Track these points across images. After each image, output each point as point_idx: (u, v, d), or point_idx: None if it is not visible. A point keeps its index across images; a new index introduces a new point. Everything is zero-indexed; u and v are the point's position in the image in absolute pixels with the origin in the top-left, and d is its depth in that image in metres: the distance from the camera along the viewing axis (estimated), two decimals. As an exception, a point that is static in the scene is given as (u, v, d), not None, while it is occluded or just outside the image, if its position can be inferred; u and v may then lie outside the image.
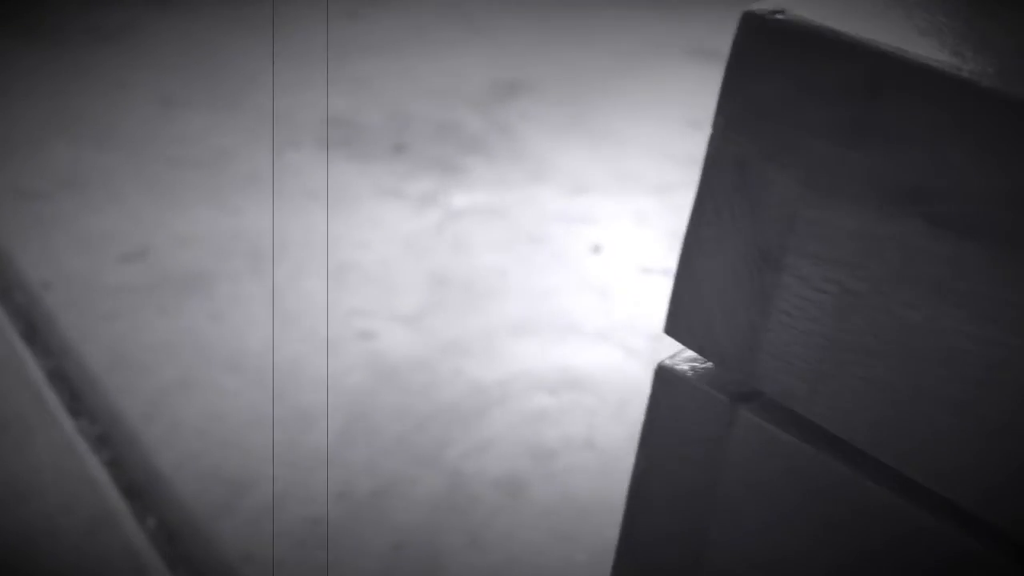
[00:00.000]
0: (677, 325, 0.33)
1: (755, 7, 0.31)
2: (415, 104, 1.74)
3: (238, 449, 1.01)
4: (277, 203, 1.42)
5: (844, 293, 0.29)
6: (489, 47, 2.03)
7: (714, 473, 0.33)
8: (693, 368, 0.34)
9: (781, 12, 0.30)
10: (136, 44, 1.83)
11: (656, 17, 2.32)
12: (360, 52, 1.92)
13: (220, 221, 1.37)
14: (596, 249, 1.39)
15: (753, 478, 0.32)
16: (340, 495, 0.97)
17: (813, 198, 0.29)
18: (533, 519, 0.98)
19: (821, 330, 0.30)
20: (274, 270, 1.27)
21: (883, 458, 0.29)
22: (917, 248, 0.27)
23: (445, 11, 2.21)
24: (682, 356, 0.35)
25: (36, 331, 1.14)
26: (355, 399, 1.10)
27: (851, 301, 0.29)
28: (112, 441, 1.00)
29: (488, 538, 0.95)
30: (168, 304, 1.20)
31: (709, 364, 0.34)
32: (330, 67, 1.84)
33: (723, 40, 1.37)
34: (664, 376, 0.34)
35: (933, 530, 0.29)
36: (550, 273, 1.34)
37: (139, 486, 0.96)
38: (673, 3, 2.46)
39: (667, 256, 1.39)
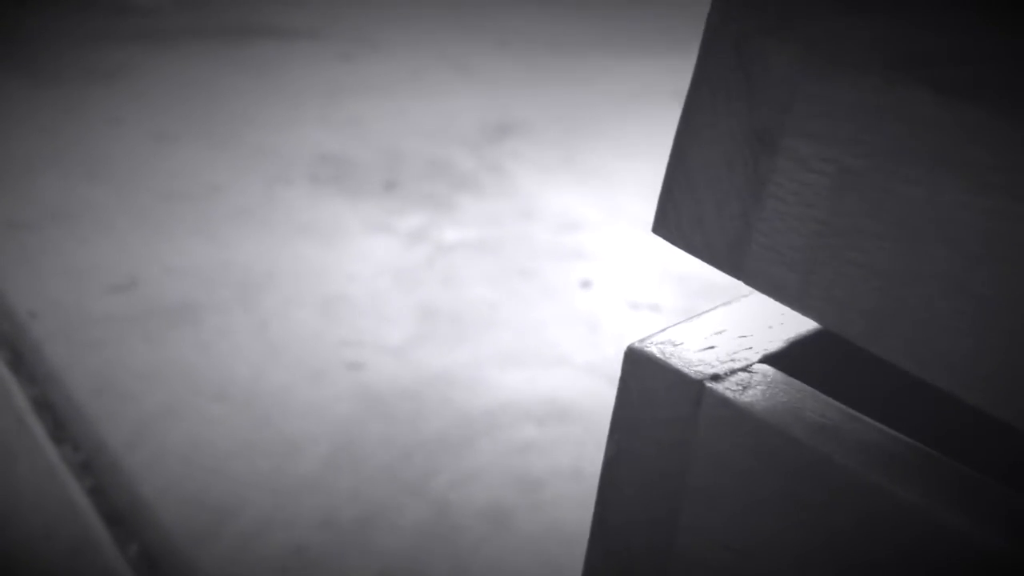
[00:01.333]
0: (667, 223, 0.33)
1: None
2: (407, 143, 1.75)
3: (222, 476, 1.00)
4: (267, 237, 1.42)
5: (842, 173, 0.28)
6: (481, 89, 2.06)
7: (684, 455, 0.33)
8: (662, 349, 0.34)
9: None
10: (131, 82, 1.85)
11: (644, 62, 2.35)
12: (353, 93, 1.94)
13: (210, 253, 1.37)
14: (586, 284, 1.40)
15: (722, 459, 0.32)
16: (324, 523, 0.96)
17: (813, 71, 0.28)
18: (519, 548, 0.97)
19: (816, 215, 0.29)
20: (263, 301, 1.27)
21: (880, 350, 0.29)
22: (920, 117, 0.26)
23: (438, 55, 2.24)
24: (652, 339, 0.35)
25: (22, 359, 1.14)
26: (341, 428, 1.10)
27: (849, 180, 0.28)
28: (95, 468, 1.00)
29: (474, 567, 0.94)
30: (155, 334, 1.20)
31: (679, 345, 0.34)
32: (323, 106, 1.86)
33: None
34: (633, 358, 0.34)
35: (908, 508, 0.29)
36: (539, 306, 1.35)
37: (121, 512, 0.95)
38: (660, 49, 2.50)
39: (657, 292, 1.40)
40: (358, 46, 2.21)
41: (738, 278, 0.32)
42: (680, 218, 0.33)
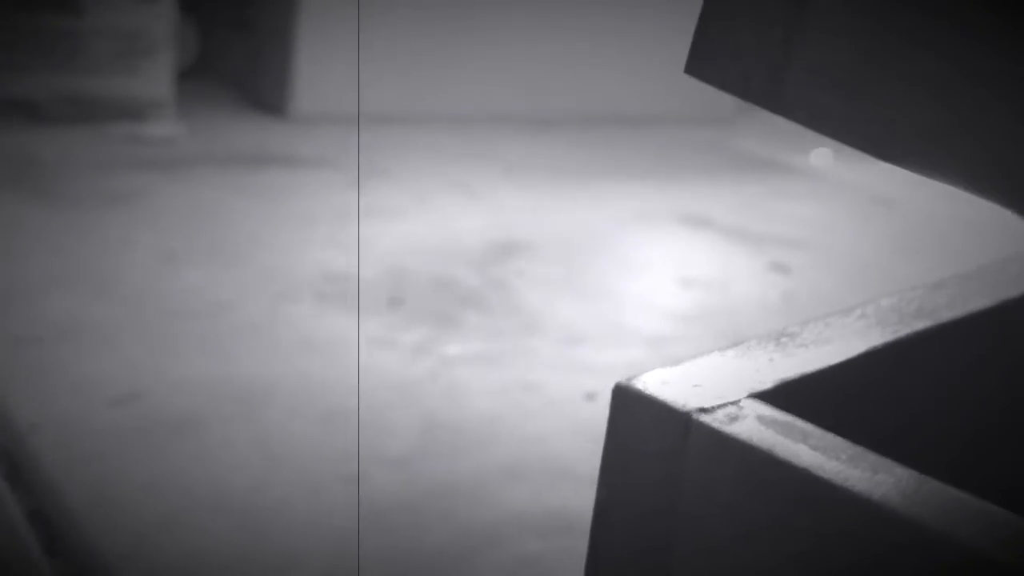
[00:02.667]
0: (700, 60, 0.31)
1: None
2: (413, 263, 1.78)
3: (216, 588, 0.97)
4: (271, 352, 1.43)
5: None
6: (486, 212, 2.10)
7: (674, 490, 0.33)
8: (648, 384, 0.34)
9: None
10: (143, 207, 1.89)
11: (646, 187, 2.41)
12: (361, 216, 1.98)
13: (214, 368, 1.37)
14: (590, 397, 1.39)
15: (713, 491, 0.32)
16: (320, 636, 0.93)
17: None
18: (522, 663, 0.93)
19: (866, 24, 0.27)
20: (264, 414, 1.27)
21: (934, 171, 0.27)
22: None
23: (445, 181, 2.30)
24: (639, 377, 0.35)
25: (19, 471, 1.12)
26: (339, 541, 1.07)
27: None
28: (87, 580, 0.97)
29: None
30: (155, 447, 1.19)
31: (665, 379, 0.34)
32: (331, 229, 1.90)
33: (710, 207, 1.45)
34: (620, 395, 0.34)
35: (905, 533, 0.29)
36: (543, 419, 1.34)
37: (111, 625, 0.92)
38: (661, 175, 2.56)
39: (660, 404, 1.38)
40: (367, 173, 2.27)
41: (776, 111, 0.30)
42: (716, 52, 0.32)
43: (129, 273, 1.63)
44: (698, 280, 1.83)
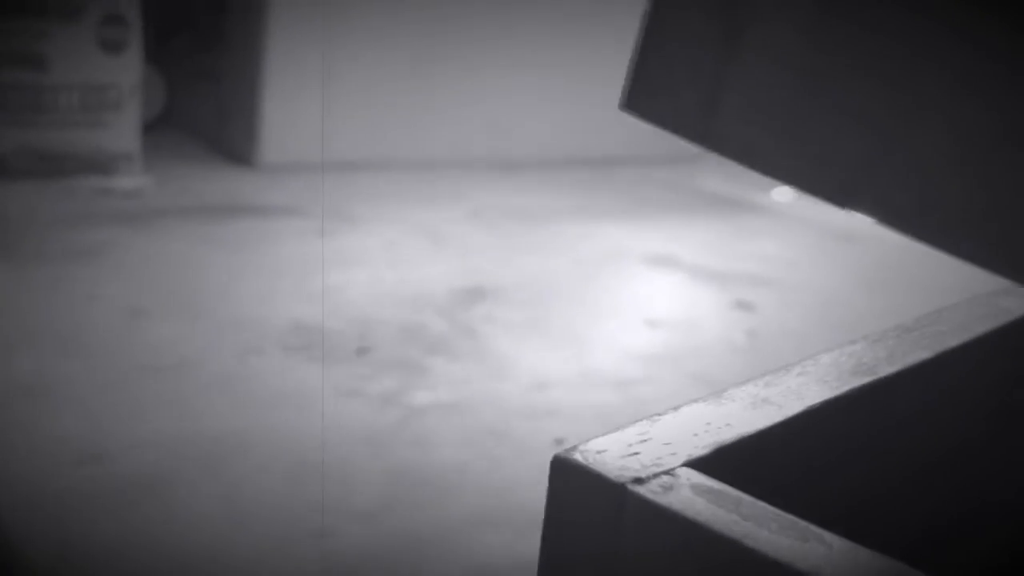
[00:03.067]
0: (636, 95, 0.32)
1: None
2: (380, 311, 1.78)
3: (182, 651, 0.96)
4: (238, 407, 1.42)
5: (822, 11, 0.27)
6: (454, 257, 2.11)
7: (612, 564, 0.33)
8: (586, 456, 0.34)
9: None
10: (110, 261, 1.89)
11: (612, 227, 2.43)
12: (329, 265, 1.98)
13: (179, 424, 1.36)
14: (559, 443, 1.39)
15: (650, 564, 0.32)
16: None
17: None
18: None
19: (796, 61, 0.27)
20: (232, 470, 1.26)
21: (859, 205, 0.27)
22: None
23: (412, 227, 2.31)
24: (577, 448, 0.35)
25: (-19, 535, 1.11)
26: (309, 598, 1.06)
27: (829, 21, 0.27)
28: (49, 646, 0.96)
29: None
30: (120, 505, 1.18)
31: (602, 448, 0.35)
32: (298, 279, 1.90)
33: (675, 247, 1.47)
34: (558, 467, 0.35)
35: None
36: (511, 467, 1.33)
37: None
38: (627, 215, 2.58)
39: (629, 448, 1.39)
40: (335, 222, 2.28)
41: (709, 146, 0.31)
42: (650, 89, 0.32)
43: (95, 329, 1.62)
44: (665, 321, 1.85)
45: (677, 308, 1.94)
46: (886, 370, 0.46)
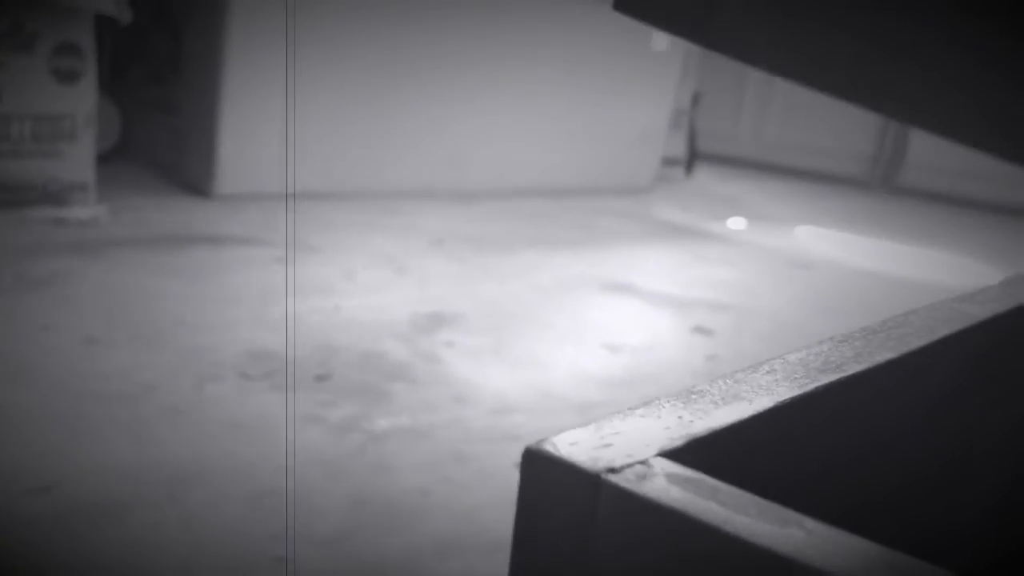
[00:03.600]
0: None
1: None
2: (340, 338, 1.76)
3: None
4: (196, 434, 1.39)
5: None
6: (414, 285, 2.10)
7: (586, 553, 0.33)
8: (559, 447, 0.34)
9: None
10: (63, 290, 1.85)
11: (571, 256, 2.44)
12: (288, 293, 1.96)
13: (138, 452, 1.33)
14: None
15: (625, 553, 0.32)
16: None
17: None
18: None
19: None
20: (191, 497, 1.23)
21: (862, 102, 0.27)
22: None
23: (373, 255, 2.29)
24: (549, 440, 0.35)
25: (-73, 569, 1.07)
26: (269, 627, 1.04)
27: None
28: None
29: None
30: (75, 535, 1.15)
31: (575, 440, 0.34)
32: (257, 307, 1.88)
33: (636, 275, 1.48)
34: (530, 459, 0.34)
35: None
36: (474, 491, 1.32)
37: None
38: (585, 244, 2.59)
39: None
40: (295, 250, 2.26)
41: (705, 42, 0.30)
42: None
43: (49, 358, 1.58)
44: (625, 346, 1.85)
45: (636, 333, 1.95)
46: (853, 368, 0.47)
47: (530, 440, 1.13)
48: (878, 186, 5.06)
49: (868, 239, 3.34)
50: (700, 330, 1.99)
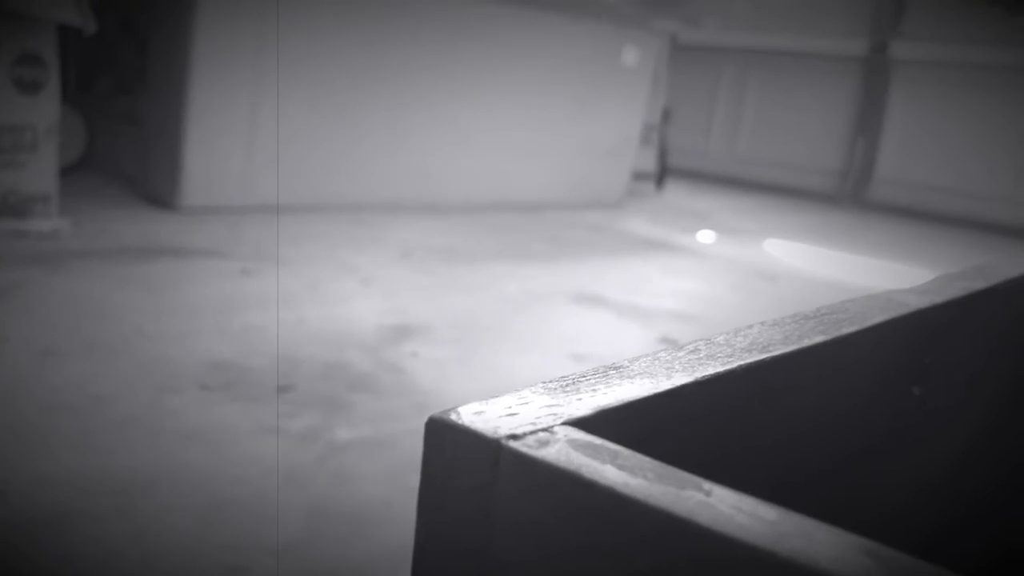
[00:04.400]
0: None
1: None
2: (303, 349, 1.75)
3: None
4: (151, 444, 1.37)
5: None
6: (380, 297, 2.09)
7: (489, 521, 0.32)
8: (461, 416, 0.33)
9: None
10: (21, 302, 1.83)
11: (539, 268, 2.43)
12: (251, 305, 1.94)
13: (88, 463, 1.31)
14: (482, 476, 1.37)
15: (526, 521, 0.31)
16: None
17: None
18: None
19: None
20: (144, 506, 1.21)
21: None
22: None
23: (339, 267, 2.28)
24: (454, 408, 0.34)
25: None
26: (219, 637, 1.02)
27: None
28: None
29: None
30: (18, 546, 1.12)
31: (480, 411, 0.34)
32: (219, 318, 1.86)
33: (602, 286, 1.47)
34: (432, 427, 0.33)
35: (714, 547, 0.28)
36: (434, 500, 1.31)
37: None
38: (554, 256, 2.59)
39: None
40: (259, 262, 2.24)
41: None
42: None
43: (3, 369, 1.56)
44: (591, 356, 1.84)
45: (603, 343, 1.94)
46: (780, 350, 0.46)
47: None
48: (847, 200, 5.10)
49: (835, 252, 3.36)
50: (666, 340, 1.99)
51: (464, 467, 0.32)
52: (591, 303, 2.20)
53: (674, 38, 4.31)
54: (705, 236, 3.30)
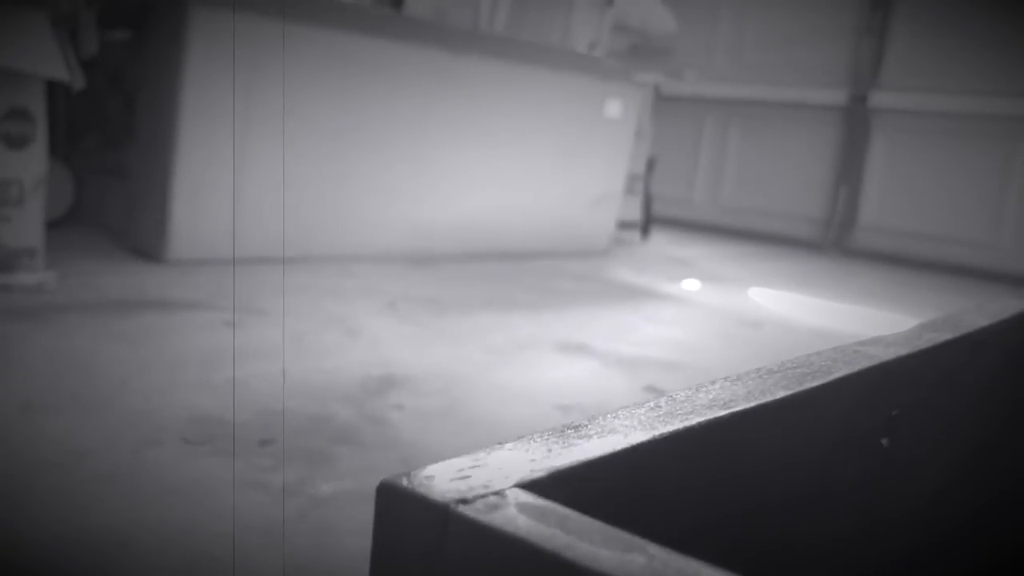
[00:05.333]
0: None
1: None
2: (287, 402, 1.74)
3: None
4: (130, 501, 1.36)
5: None
6: (365, 348, 2.09)
7: (437, 588, 0.32)
8: (412, 480, 0.33)
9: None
10: (4, 355, 1.82)
11: (525, 317, 2.43)
12: (235, 357, 1.94)
13: (64, 521, 1.30)
14: (465, 529, 1.36)
15: (474, 585, 0.31)
16: None
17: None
18: None
19: None
20: (118, 566, 1.19)
21: None
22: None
23: (325, 319, 2.28)
24: (406, 473, 0.34)
25: None
26: None
27: None
28: None
29: None
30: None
31: (432, 474, 0.34)
32: (202, 371, 1.85)
33: (589, 336, 1.48)
34: (384, 492, 0.34)
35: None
36: (416, 555, 1.29)
37: None
38: (540, 306, 2.59)
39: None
40: (243, 314, 2.24)
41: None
42: None
43: (-21, 425, 1.55)
44: (577, 406, 1.84)
45: (589, 393, 1.94)
46: (742, 405, 0.46)
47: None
48: (831, 247, 5.13)
49: (818, 299, 3.37)
50: (652, 389, 1.98)
51: (414, 532, 0.32)
52: (577, 352, 2.20)
53: (657, 90, 4.37)
54: (690, 284, 3.31)
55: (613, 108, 3.75)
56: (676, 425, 0.42)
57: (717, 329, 2.64)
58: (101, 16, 2.54)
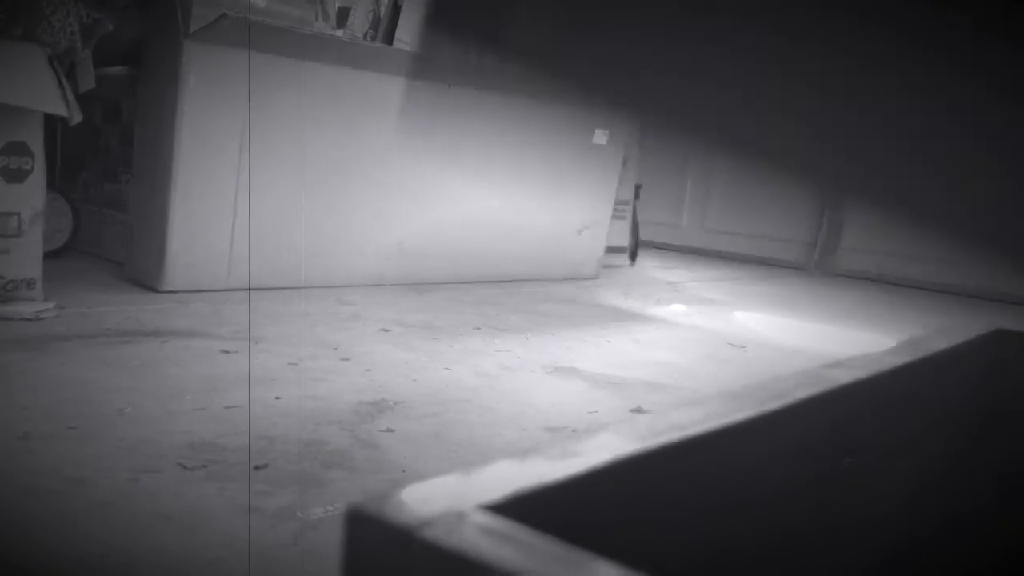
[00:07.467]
0: None
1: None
2: (280, 427, 1.77)
3: None
4: (128, 526, 1.38)
5: None
6: (358, 373, 2.11)
7: (404, 606, 0.34)
8: (376, 502, 0.36)
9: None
10: (3, 385, 1.84)
11: (515, 341, 2.46)
12: (231, 385, 1.96)
13: (62, 547, 1.32)
14: (457, 552, 1.38)
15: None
16: None
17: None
18: None
19: None
20: None
21: None
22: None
23: (318, 344, 2.31)
24: (371, 497, 0.37)
25: None
26: None
27: None
28: None
29: None
30: (-7, 634, 1.13)
31: (394, 498, 0.36)
32: (199, 399, 1.88)
33: (578, 359, 1.52)
34: (350, 517, 0.36)
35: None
36: (408, 578, 1.32)
37: None
38: (529, 329, 2.62)
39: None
40: (239, 342, 2.27)
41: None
42: None
43: (-22, 454, 1.57)
44: (565, 427, 1.87)
45: (577, 416, 1.97)
46: (697, 429, 0.49)
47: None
48: (816, 270, 5.18)
49: (803, 321, 3.40)
50: (639, 410, 2.01)
51: (379, 556, 0.35)
52: (566, 375, 2.23)
53: (647, 115, 4.42)
54: (677, 307, 3.34)
55: (601, 137, 3.80)
56: (636, 447, 0.45)
57: (704, 351, 2.67)
58: (98, 52, 2.58)
